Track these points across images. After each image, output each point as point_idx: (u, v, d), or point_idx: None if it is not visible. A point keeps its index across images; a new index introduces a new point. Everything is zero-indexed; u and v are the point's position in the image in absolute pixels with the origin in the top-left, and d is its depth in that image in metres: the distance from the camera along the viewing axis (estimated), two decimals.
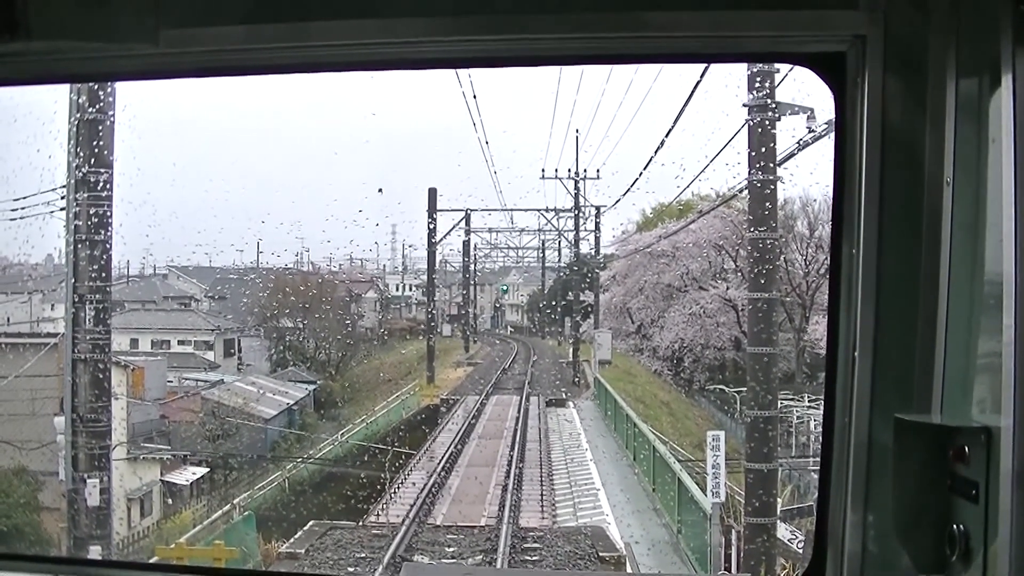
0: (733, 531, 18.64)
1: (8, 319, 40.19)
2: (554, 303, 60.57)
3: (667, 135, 37.77)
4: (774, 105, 16.32)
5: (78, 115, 14.99)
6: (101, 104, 15.01)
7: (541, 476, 26.66)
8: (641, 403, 37.77)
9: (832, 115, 2.83)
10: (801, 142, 17.69)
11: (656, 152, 35.71)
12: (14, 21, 2.67)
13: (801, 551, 19.06)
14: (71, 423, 15.24)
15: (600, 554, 18.85)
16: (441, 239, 52.38)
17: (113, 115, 15.19)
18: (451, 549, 19.36)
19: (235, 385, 39.05)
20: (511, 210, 57.40)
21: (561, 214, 54.34)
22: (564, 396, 42.16)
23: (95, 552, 15.02)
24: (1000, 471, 2.24)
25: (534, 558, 18.81)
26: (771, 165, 16.62)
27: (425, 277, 53.67)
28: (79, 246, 15.19)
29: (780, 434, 23.26)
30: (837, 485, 2.76)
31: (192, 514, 27.43)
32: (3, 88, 3.47)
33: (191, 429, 34.43)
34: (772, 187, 16.79)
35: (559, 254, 61.27)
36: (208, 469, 32.76)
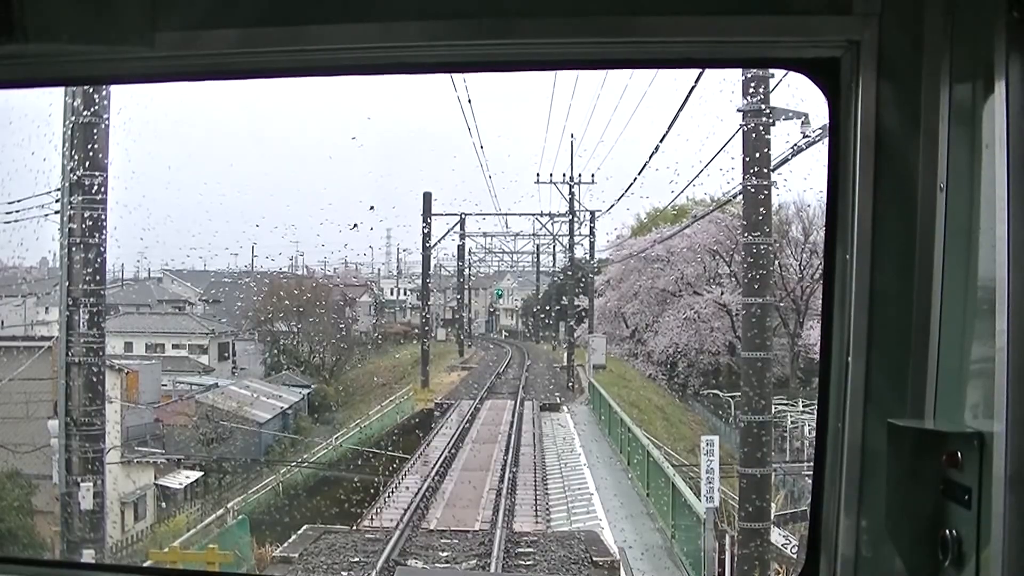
0: (727, 536, 18.64)
1: (2, 322, 40.15)
2: (549, 307, 60.54)
3: (662, 140, 37.97)
4: (768, 110, 16.35)
5: (73, 118, 14.97)
6: (96, 107, 14.99)
7: (535, 480, 26.61)
8: (635, 408, 37.78)
9: (826, 120, 2.84)
10: (795, 147, 17.72)
11: (651, 157, 35.82)
12: (10, 23, 2.67)
13: (795, 556, 19.09)
14: (65, 426, 15.20)
15: (594, 559, 18.81)
16: (436, 243, 52.36)
17: (108, 118, 15.17)
18: (445, 554, 19.32)
19: (229, 389, 39.00)
20: (506, 214, 57.36)
21: (556, 218, 54.44)
22: (558, 400, 42.11)
23: (88, 556, 14.98)
24: (993, 476, 2.24)
25: (528, 563, 18.78)
26: (765, 170, 16.64)
27: (420, 281, 53.60)
28: (73, 249, 15.17)
29: (774, 439, 23.27)
30: (831, 490, 2.77)
31: (186, 518, 27.37)
32: None
33: (185, 433, 34.37)
34: (766, 192, 16.82)
35: (554, 259, 61.30)
36: (202, 473, 32.72)
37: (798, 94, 17.15)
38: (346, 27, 2.75)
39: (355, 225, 44.82)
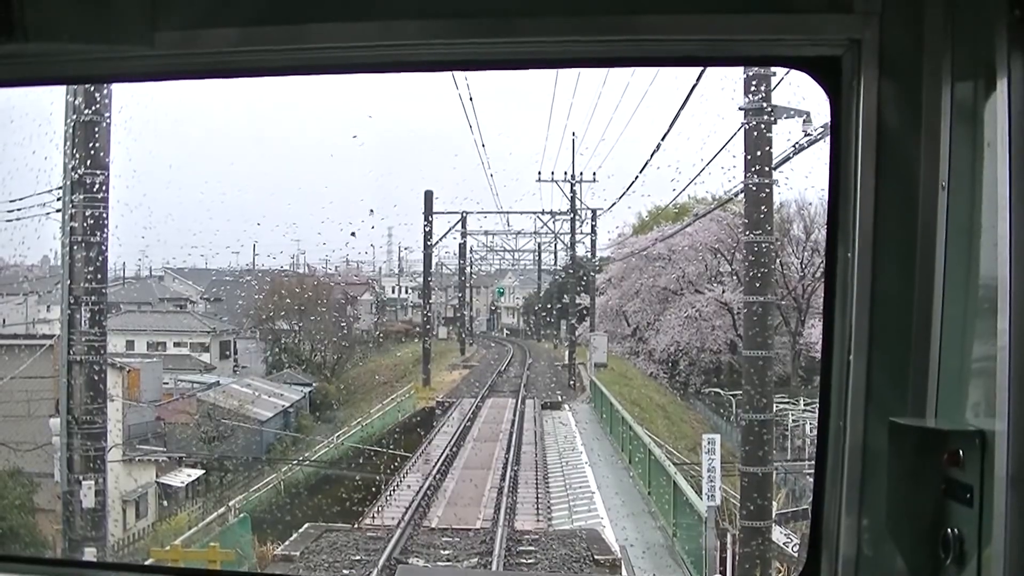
0: (728, 534, 18.63)
1: (4, 320, 40.21)
2: (550, 306, 60.58)
3: (663, 138, 37.80)
4: (770, 109, 16.32)
5: (74, 116, 14.96)
6: (97, 106, 14.98)
7: (536, 479, 26.61)
8: (637, 406, 37.77)
9: (828, 119, 2.84)
10: (797, 146, 17.70)
11: (652, 155, 35.95)
12: (10, 22, 2.66)
13: (796, 554, 19.08)
14: (66, 425, 15.20)
15: (595, 557, 18.81)
16: (437, 242, 52.38)
17: (109, 117, 15.15)
18: (446, 552, 19.33)
19: (231, 387, 39.04)
20: (507, 213, 57.55)
21: (557, 217, 54.49)
22: (560, 399, 42.08)
23: (90, 554, 14.97)
24: (994, 475, 2.24)
25: (529, 561, 18.78)
26: (767, 169, 16.63)
27: (421, 280, 53.64)
28: (75, 248, 15.16)
29: (775, 437, 23.27)
30: (832, 488, 2.77)
31: (187, 516, 27.40)
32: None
33: (187, 431, 34.42)
34: (768, 190, 16.81)
35: (555, 257, 61.40)
36: (203, 471, 32.75)
37: (800, 92, 17.14)
38: (346, 25, 2.75)
39: (353, 234, 45.02)
